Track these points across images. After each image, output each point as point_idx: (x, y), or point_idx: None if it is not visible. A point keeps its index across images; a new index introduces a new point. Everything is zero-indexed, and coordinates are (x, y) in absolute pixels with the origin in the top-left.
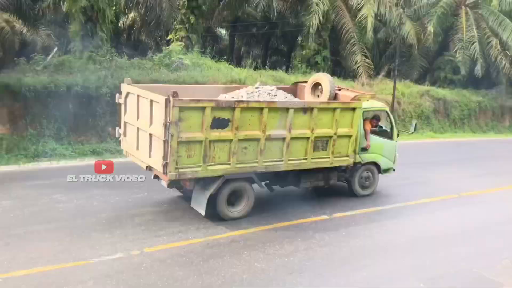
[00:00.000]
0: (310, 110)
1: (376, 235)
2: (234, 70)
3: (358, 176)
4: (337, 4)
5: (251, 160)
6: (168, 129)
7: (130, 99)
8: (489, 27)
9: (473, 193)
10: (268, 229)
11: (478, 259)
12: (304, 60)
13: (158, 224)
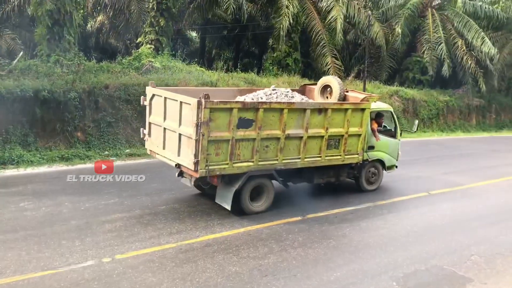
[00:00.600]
0: (324, 111)
1: (349, 234)
2: (206, 72)
3: (365, 172)
4: (307, 6)
5: (272, 158)
6: (200, 129)
7: (156, 101)
8: (455, 28)
9: (443, 191)
10: (241, 232)
11: (449, 255)
12: (276, 62)
13: (130, 230)
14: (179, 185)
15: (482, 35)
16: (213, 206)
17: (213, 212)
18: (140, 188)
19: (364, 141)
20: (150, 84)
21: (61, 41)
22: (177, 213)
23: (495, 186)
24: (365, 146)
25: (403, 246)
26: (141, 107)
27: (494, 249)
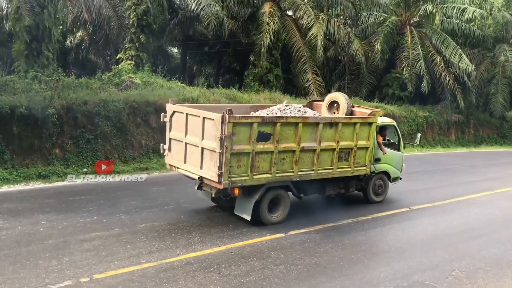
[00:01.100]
0: (335, 125)
1: (331, 251)
2: (187, 88)
3: (372, 184)
4: (287, 23)
5: (288, 170)
6: (223, 143)
7: (176, 117)
8: (433, 45)
9: (424, 206)
10: (223, 249)
11: (431, 271)
12: (257, 78)
13: (109, 249)
14: (160, 202)
15: (460, 52)
16: (193, 224)
17: (193, 229)
18: (120, 206)
19: (371, 153)
20: (170, 101)
21: (39, 57)
22: (157, 231)
23: (475, 200)
24: (372, 159)
25: (385, 261)
26: (120, 123)
27: (476, 263)
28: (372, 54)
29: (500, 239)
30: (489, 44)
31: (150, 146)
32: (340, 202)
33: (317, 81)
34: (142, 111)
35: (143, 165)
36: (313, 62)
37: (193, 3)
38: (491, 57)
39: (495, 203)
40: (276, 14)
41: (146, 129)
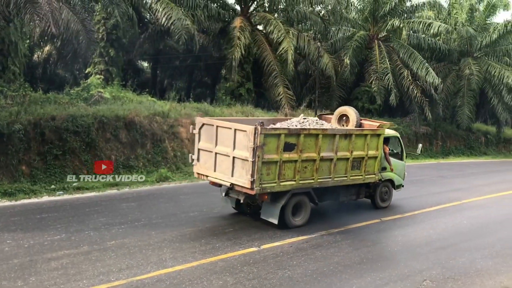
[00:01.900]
0: (350, 136)
1: (304, 264)
2: (157, 102)
3: (379, 191)
4: (258, 38)
5: (309, 177)
6: (256, 152)
7: (205, 129)
8: (401, 59)
9: (394, 217)
10: (195, 265)
11: (402, 281)
12: (228, 92)
13: (77, 267)
14: (130, 218)
15: (426, 65)
16: (165, 240)
17: (165, 246)
18: (89, 223)
19: (379, 162)
20: (198, 115)
21: (5, 72)
22: (127, 248)
23: (444, 211)
24: (380, 167)
25: (357, 273)
26: (89, 138)
27: (445, 273)
28: (342, 68)
29: (469, 248)
30: (454, 57)
31: (120, 162)
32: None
33: (289, 95)
34: (111, 126)
35: (113, 181)
36: (284, 76)
37: (163, 17)
38: (456, 70)
39: (463, 213)
40: (247, 29)
41: (116, 144)
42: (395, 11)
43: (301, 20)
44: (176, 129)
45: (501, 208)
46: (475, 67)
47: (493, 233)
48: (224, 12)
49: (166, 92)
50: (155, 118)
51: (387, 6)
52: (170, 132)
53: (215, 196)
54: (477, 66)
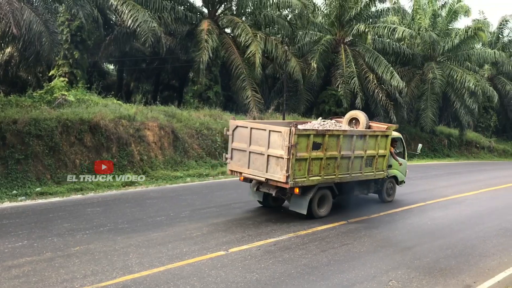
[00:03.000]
0: (364, 137)
1: (272, 266)
2: (123, 105)
3: (385, 186)
4: (226, 41)
5: (332, 173)
6: (290, 150)
7: (239, 131)
8: (366, 63)
9: (360, 219)
10: (162, 270)
11: (368, 282)
12: (196, 95)
13: (40, 275)
14: (95, 223)
15: (391, 69)
16: (131, 245)
17: (131, 251)
18: (52, 229)
19: (387, 160)
20: (232, 118)
21: None
22: (92, 254)
23: (409, 212)
24: (387, 165)
25: (324, 275)
26: (53, 142)
27: (410, 273)
28: (309, 71)
29: (433, 249)
30: (418, 62)
31: (85, 166)
32: (279, 216)
33: (257, 98)
34: (76, 130)
35: (78, 185)
36: (252, 79)
37: (129, 20)
38: (420, 74)
39: (427, 214)
40: (215, 32)
41: (80, 148)
42: (361, 16)
43: (268, 24)
44: (143, 132)
45: (463, 209)
46: (438, 71)
47: (455, 233)
48: (191, 14)
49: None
50: (120, 121)
51: (352, 11)
52: (136, 135)
53: (183, 200)
54: (440, 70)
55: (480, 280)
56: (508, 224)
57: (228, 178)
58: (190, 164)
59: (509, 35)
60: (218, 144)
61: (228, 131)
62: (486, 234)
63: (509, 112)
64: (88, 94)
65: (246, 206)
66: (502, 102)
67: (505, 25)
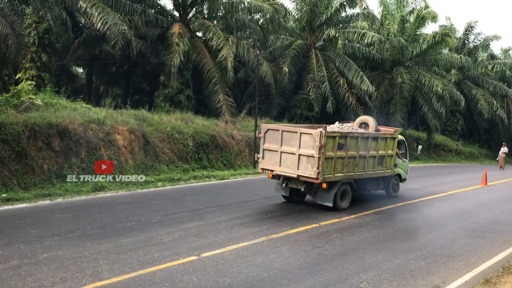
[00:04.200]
0: (377, 139)
1: (244, 271)
2: (92, 109)
3: (391, 183)
4: (197, 45)
5: (352, 171)
6: (321, 150)
7: (270, 133)
8: (337, 67)
9: (332, 221)
10: (132, 276)
11: (340, 284)
12: (167, 99)
13: (5, 283)
14: (64, 230)
15: (361, 74)
16: (101, 251)
17: (101, 257)
18: (19, 235)
19: (394, 160)
20: (263, 121)
21: None
22: (61, 261)
23: (379, 214)
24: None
25: (297, 278)
26: (19, 147)
27: (381, 274)
28: (281, 76)
29: (403, 250)
30: (387, 66)
31: (53, 171)
32: (252, 220)
33: (229, 102)
34: (43, 134)
35: (45, 191)
36: (224, 83)
37: (99, 22)
38: (389, 79)
39: (397, 216)
40: (186, 35)
41: (48, 153)
42: (331, 21)
43: (240, 28)
44: (113, 136)
45: (432, 211)
46: (406, 76)
47: (424, 234)
48: (162, 18)
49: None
50: (90, 125)
51: (323, 16)
52: (106, 140)
53: (154, 205)
54: (409, 75)
55: (448, 280)
56: (475, 225)
57: (200, 183)
58: (161, 168)
59: (474, 41)
60: (190, 148)
61: (260, 134)
62: (454, 235)
63: (475, 116)
64: (56, 97)
65: (218, 210)
66: (469, 106)
67: (471, 31)
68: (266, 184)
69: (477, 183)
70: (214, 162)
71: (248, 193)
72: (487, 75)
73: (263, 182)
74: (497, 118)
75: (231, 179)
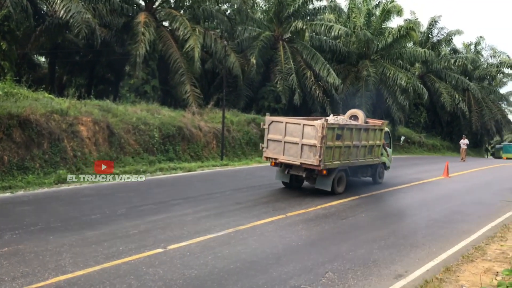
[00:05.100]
0: (368, 130)
1: (211, 262)
2: (55, 100)
3: (378, 171)
4: (163, 34)
5: (347, 159)
6: (322, 140)
7: (274, 125)
8: (304, 60)
9: (298, 212)
10: (97, 270)
11: (306, 275)
12: (133, 89)
13: None
14: (26, 223)
15: (328, 67)
16: (64, 244)
17: (64, 251)
18: None
19: (380, 149)
20: (267, 115)
21: None
22: (21, 255)
23: (344, 205)
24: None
25: (263, 269)
26: None
27: (346, 264)
28: (248, 67)
29: (367, 240)
30: (353, 59)
31: (14, 163)
32: (219, 212)
33: (196, 93)
34: (4, 125)
35: (6, 183)
36: (191, 74)
37: (62, 10)
38: (355, 71)
39: (361, 207)
40: (152, 25)
41: (8, 144)
42: (299, 13)
43: (207, 18)
44: (76, 127)
45: (395, 202)
46: (372, 69)
47: (388, 225)
48: (127, 6)
49: (65, 88)
50: (52, 116)
51: (291, 8)
52: (69, 130)
53: (119, 197)
54: (374, 68)
55: (411, 269)
56: (437, 215)
57: (166, 175)
58: (127, 160)
59: (438, 35)
60: (156, 140)
61: (265, 125)
62: (417, 225)
63: (438, 109)
64: (17, 87)
65: (185, 202)
66: (432, 99)
67: (434, 25)
68: (234, 176)
69: (439, 175)
70: (181, 154)
71: (216, 185)
72: (449, 69)
73: (231, 174)
74: (459, 111)
75: (198, 171)
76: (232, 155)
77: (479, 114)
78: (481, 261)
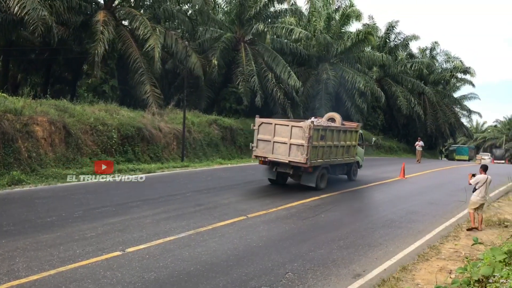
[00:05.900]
0: (345, 131)
1: (170, 265)
2: (9, 99)
3: (352, 169)
4: (123, 34)
5: (328, 157)
6: (309, 140)
7: (264, 126)
8: (265, 62)
9: (259, 213)
10: (52, 274)
11: (266, 275)
12: (91, 89)
13: None
14: None
15: (289, 69)
16: (17, 248)
17: (17, 255)
18: None
19: (355, 149)
20: (257, 117)
21: None
22: None
23: (304, 206)
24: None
25: (224, 270)
26: None
27: (306, 265)
28: (210, 68)
29: (326, 241)
30: (313, 62)
31: None
32: (179, 214)
33: (156, 93)
34: None
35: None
36: (151, 74)
37: (16, 6)
38: (315, 74)
39: (321, 208)
40: (111, 23)
41: None
42: (260, 15)
43: (168, 18)
44: (31, 127)
45: (354, 202)
46: (331, 72)
47: (346, 225)
48: (86, 4)
49: (19, 87)
50: (6, 115)
51: (252, 10)
52: (23, 131)
53: (76, 199)
54: (333, 71)
55: (369, 268)
56: (394, 215)
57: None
58: (84, 161)
59: (395, 40)
60: (115, 141)
61: (254, 126)
62: (374, 225)
63: (394, 112)
64: None
65: (144, 204)
66: (389, 102)
67: (392, 31)
68: (195, 177)
69: (396, 176)
70: (140, 155)
71: (176, 187)
72: (406, 73)
73: (191, 175)
74: (415, 114)
75: (158, 172)
76: (193, 157)
77: (434, 117)
78: (436, 260)
